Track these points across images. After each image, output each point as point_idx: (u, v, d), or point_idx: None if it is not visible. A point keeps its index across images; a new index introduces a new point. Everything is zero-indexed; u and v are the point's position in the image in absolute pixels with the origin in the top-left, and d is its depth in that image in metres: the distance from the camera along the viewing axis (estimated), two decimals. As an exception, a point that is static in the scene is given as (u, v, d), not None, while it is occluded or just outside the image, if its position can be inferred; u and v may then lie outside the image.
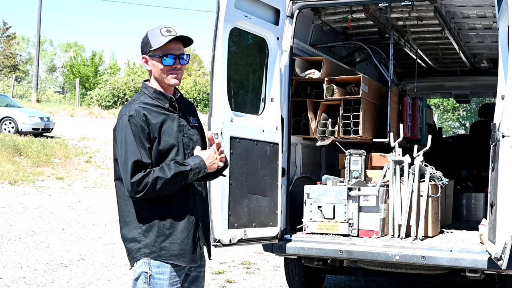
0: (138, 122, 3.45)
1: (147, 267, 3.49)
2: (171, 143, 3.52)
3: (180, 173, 3.43)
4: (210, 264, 8.84)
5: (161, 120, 3.52)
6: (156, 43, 3.51)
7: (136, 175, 3.38)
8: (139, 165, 3.39)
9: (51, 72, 71.81)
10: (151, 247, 3.49)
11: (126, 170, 3.40)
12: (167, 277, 3.51)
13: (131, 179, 3.38)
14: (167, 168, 3.41)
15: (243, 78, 6.51)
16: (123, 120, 3.47)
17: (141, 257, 3.50)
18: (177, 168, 3.43)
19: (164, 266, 3.50)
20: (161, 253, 3.50)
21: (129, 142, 3.43)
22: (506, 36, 5.24)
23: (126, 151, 3.42)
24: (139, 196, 3.40)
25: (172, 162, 3.46)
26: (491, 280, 6.03)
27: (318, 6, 6.61)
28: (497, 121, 5.12)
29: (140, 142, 3.43)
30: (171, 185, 3.42)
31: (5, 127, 23.61)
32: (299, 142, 7.10)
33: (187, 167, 3.45)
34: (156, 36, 3.52)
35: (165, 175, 3.39)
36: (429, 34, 8.12)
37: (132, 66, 47.20)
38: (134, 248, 3.52)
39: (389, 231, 6.19)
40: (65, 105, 40.60)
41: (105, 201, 14.58)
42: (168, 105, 3.58)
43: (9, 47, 55.40)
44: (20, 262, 8.64)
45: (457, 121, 43.06)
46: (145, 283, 3.49)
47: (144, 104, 3.53)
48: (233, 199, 5.44)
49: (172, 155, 3.51)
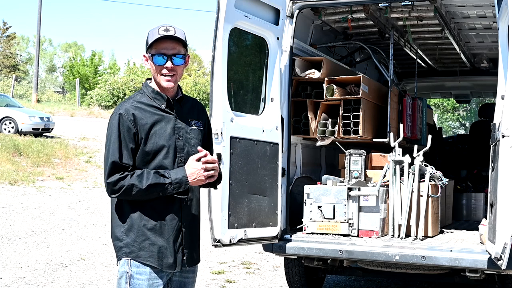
0: (125, 121, 3.43)
1: (128, 267, 3.48)
2: (160, 145, 3.46)
3: (158, 185, 3.38)
4: (210, 264, 8.84)
5: (153, 121, 3.48)
6: (150, 41, 3.49)
7: (112, 175, 3.38)
8: (116, 166, 3.39)
9: (51, 72, 71.79)
10: (130, 246, 3.46)
11: (105, 168, 3.42)
12: (146, 278, 3.47)
13: (107, 179, 3.39)
14: (146, 177, 3.38)
15: (243, 78, 6.51)
16: (112, 118, 3.48)
17: (122, 256, 3.49)
18: (156, 179, 3.38)
19: (143, 266, 3.47)
20: (140, 254, 3.46)
21: (112, 141, 3.43)
22: (506, 36, 5.23)
23: (108, 150, 3.43)
24: (114, 196, 3.42)
25: (153, 172, 3.40)
26: (491, 280, 6.03)
27: (318, 6, 6.61)
28: (497, 121, 5.12)
29: (124, 142, 3.42)
30: (146, 195, 3.40)
31: (5, 127, 23.60)
32: (299, 142, 7.10)
33: (167, 180, 3.40)
34: (153, 35, 3.48)
35: (140, 184, 3.36)
36: (429, 34, 8.13)
37: (131, 66, 47.18)
38: (117, 247, 3.51)
39: (389, 231, 6.19)
40: (65, 105, 40.61)
41: (105, 201, 14.56)
42: (164, 106, 3.53)
43: (9, 47, 55.35)
44: (20, 262, 8.64)
45: (457, 121, 43.05)
46: (126, 283, 3.47)
47: (138, 103, 3.50)
48: (233, 199, 5.44)
49: (160, 157, 3.46)
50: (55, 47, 74.89)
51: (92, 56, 52.99)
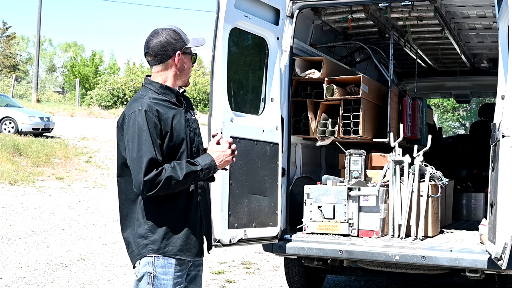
0: (152, 117, 3.42)
1: (151, 268, 3.47)
2: (181, 138, 3.52)
3: (191, 173, 3.42)
4: (210, 264, 8.84)
5: (172, 115, 3.51)
6: (190, 42, 3.60)
7: (149, 173, 3.34)
8: (153, 163, 3.36)
9: (51, 72, 71.81)
10: (158, 243, 3.47)
11: (139, 167, 3.34)
12: (171, 277, 3.49)
13: (144, 177, 3.33)
14: (179, 167, 3.39)
15: (243, 78, 6.51)
16: (136, 115, 3.42)
17: (146, 253, 3.47)
18: (189, 168, 3.42)
19: (169, 266, 3.48)
20: (168, 249, 3.48)
21: (143, 139, 3.38)
22: (506, 36, 5.24)
23: (140, 148, 3.37)
24: (150, 194, 3.37)
25: (183, 161, 3.44)
26: (491, 280, 6.03)
27: (318, 6, 6.61)
28: (497, 121, 5.12)
29: (154, 138, 3.40)
30: (182, 185, 3.43)
31: (5, 127, 23.60)
32: (299, 142, 7.10)
33: (198, 167, 3.45)
34: (186, 35, 3.59)
35: (177, 175, 3.37)
36: (429, 34, 8.13)
37: (131, 66, 47.16)
38: (141, 245, 3.48)
39: (389, 231, 6.19)
40: (65, 105, 40.62)
41: (105, 201, 14.57)
42: (175, 99, 3.58)
43: (9, 47, 55.38)
44: (20, 262, 8.64)
45: (457, 121, 43.06)
46: (149, 284, 3.46)
47: (154, 100, 3.51)
48: (233, 199, 5.44)
49: (182, 150, 3.52)
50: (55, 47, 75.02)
51: (93, 56, 52.98)
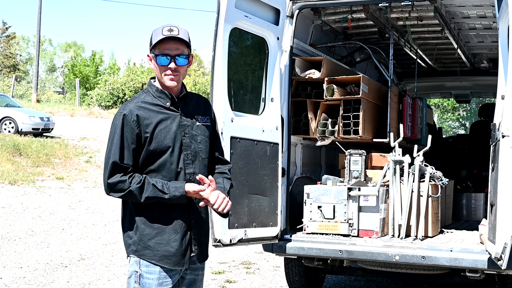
0: (129, 122, 3.45)
1: (137, 266, 3.50)
2: (165, 144, 3.49)
3: (155, 198, 3.43)
4: (210, 264, 8.83)
5: (158, 120, 3.49)
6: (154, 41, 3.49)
7: (113, 176, 3.42)
8: (116, 167, 3.42)
9: (51, 72, 71.78)
10: (137, 245, 3.50)
11: (106, 168, 3.45)
12: (156, 277, 3.49)
13: (108, 179, 3.43)
14: (146, 188, 3.41)
15: (243, 78, 6.51)
16: (115, 119, 3.49)
17: (130, 253, 3.54)
18: (155, 193, 3.41)
19: (153, 266, 3.49)
20: (145, 253, 3.48)
21: (114, 142, 3.45)
22: (506, 36, 5.23)
23: (110, 150, 3.46)
24: (112, 196, 3.46)
25: (152, 185, 3.41)
26: (491, 280, 6.03)
27: (318, 6, 6.61)
28: (497, 121, 5.12)
29: (126, 142, 3.44)
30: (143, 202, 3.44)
31: (5, 127, 23.60)
32: (299, 142, 7.10)
33: (165, 195, 3.43)
34: (157, 35, 3.49)
35: (139, 195, 3.40)
36: (429, 34, 8.13)
37: (131, 66, 47.16)
38: (126, 244, 3.56)
39: (389, 231, 6.19)
40: (65, 105, 40.60)
41: (105, 201, 14.57)
42: (169, 104, 3.55)
43: (9, 47, 55.35)
44: (20, 262, 8.64)
45: (457, 121, 43.06)
46: (136, 282, 3.49)
47: (143, 103, 3.51)
48: (233, 199, 5.41)
49: (166, 156, 3.49)
50: (55, 47, 74.95)
51: (93, 56, 52.97)
